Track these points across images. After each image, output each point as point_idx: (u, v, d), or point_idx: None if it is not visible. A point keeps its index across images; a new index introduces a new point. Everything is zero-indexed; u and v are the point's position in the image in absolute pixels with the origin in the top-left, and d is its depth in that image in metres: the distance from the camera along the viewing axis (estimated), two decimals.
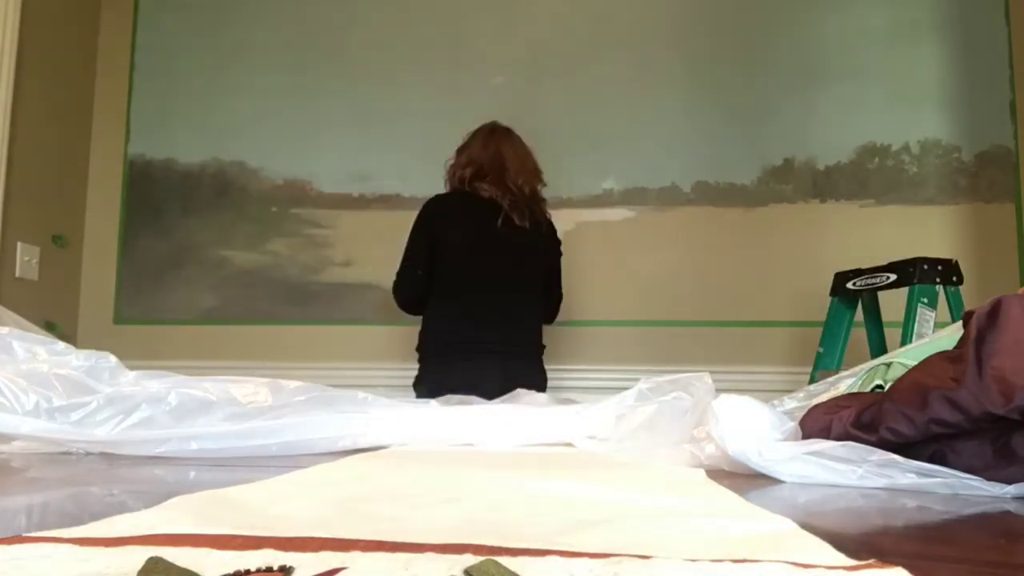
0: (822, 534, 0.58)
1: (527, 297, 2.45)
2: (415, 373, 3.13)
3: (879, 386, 1.34)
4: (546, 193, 3.16)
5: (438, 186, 3.17)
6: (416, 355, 2.50)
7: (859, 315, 2.60)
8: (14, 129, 2.78)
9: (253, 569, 0.44)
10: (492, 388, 1.96)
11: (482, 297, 2.36)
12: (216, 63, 3.30)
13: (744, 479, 1.07)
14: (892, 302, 2.50)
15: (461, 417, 1.56)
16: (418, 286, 2.43)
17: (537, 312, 2.49)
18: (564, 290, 2.70)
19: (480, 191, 2.41)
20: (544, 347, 2.52)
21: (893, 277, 2.38)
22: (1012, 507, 0.87)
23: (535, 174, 2.49)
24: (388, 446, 1.44)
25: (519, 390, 2.03)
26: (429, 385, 2.29)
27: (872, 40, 3.06)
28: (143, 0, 3.38)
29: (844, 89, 3.03)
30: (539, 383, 2.35)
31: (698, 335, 3.00)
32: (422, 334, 2.45)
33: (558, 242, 2.60)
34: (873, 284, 2.44)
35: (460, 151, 2.52)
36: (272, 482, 0.90)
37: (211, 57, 3.31)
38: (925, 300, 2.26)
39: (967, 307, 1.04)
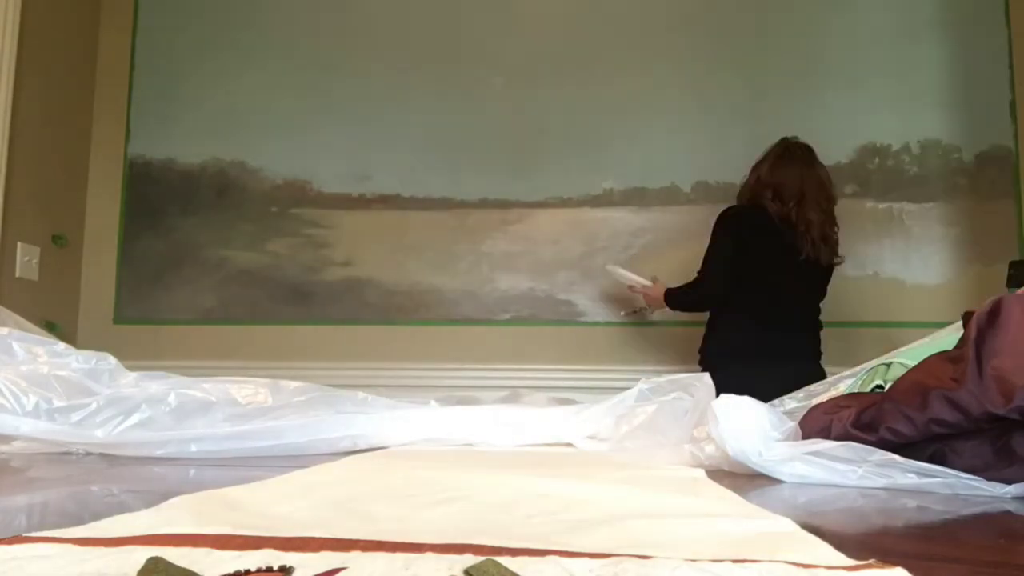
0: (822, 534, 0.59)
1: (816, 309, 2.54)
2: (415, 373, 3.13)
3: (879, 386, 1.34)
4: (546, 193, 3.17)
5: (438, 186, 3.19)
6: (698, 357, 2.56)
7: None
8: (14, 129, 2.78)
9: (253, 569, 0.44)
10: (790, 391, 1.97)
11: (785, 308, 2.45)
12: (216, 63, 3.30)
13: (744, 479, 1.07)
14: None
15: (461, 417, 1.56)
16: (727, 287, 2.48)
17: (819, 322, 2.57)
18: (566, 289, 2.73)
19: (777, 211, 2.45)
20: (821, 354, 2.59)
21: None
22: (1012, 507, 0.87)
23: (831, 198, 2.51)
24: (388, 446, 1.44)
25: (519, 390, 2.03)
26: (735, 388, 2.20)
27: (872, 40, 3.06)
28: (143, 0, 3.38)
29: (844, 89, 3.03)
30: None
31: (698, 335, 2.99)
32: (721, 340, 2.51)
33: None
34: None
35: (756, 167, 2.55)
36: (272, 482, 0.90)
37: (211, 57, 3.31)
38: None
39: (969, 307, 1.04)
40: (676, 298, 2.63)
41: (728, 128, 3.07)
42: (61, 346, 1.39)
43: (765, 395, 1.88)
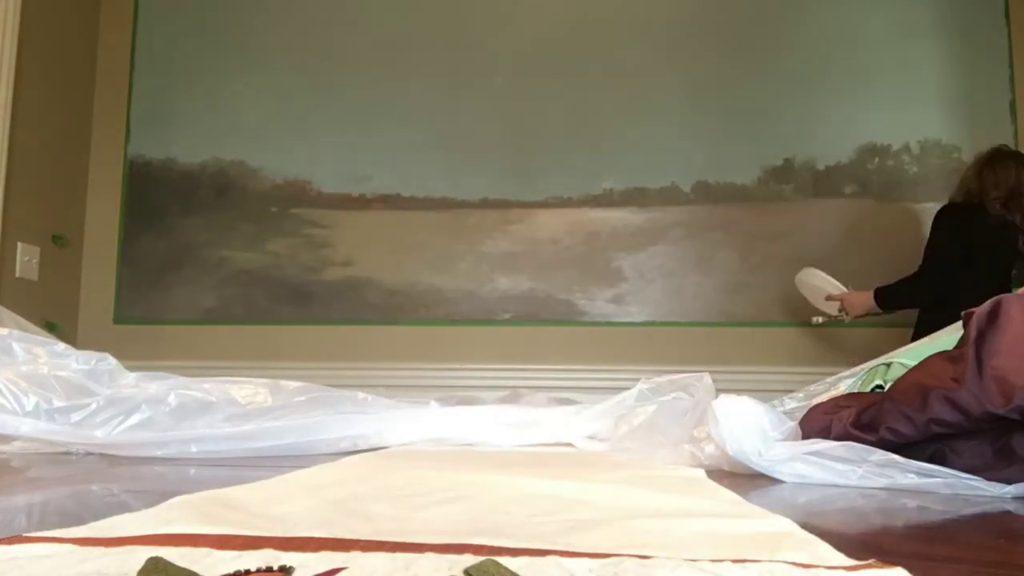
0: (822, 534, 0.58)
1: None
2: (415, 373, 3.13)
3: (879, 386, 1.34)
4: (546, 193, 3.17)
5: (438, 186, 3.18)
6: None
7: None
8: (14, 129, 2.78)
9: (253, 569, 0.44)
10: None
11: None
12: (216, 63, 3.30)
13: (744, 479, 1.07)
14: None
15: (461, 417, 1.56)
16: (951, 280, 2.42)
17: None
18: (566, 289, 2.73)
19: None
20: None
21: None
22: (1012, 507, 0.87)
23: None
24: (388, 446, 1.44)
25: (519, 390, 2.03)
26: None
27: (872, 40, 3.06)
28: (143, 0, 3.38)
29: (844, 89, 3.03)
30: None
31: (698, 335, 3.00)
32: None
33: None
34: None
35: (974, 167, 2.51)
36: (272, 482, 0.90)
37: (211, 57, 3.31)
38: None
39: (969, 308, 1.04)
40: (891, 294, 2.56)
41: (728, 128, 3.07)
42: (61, 346, 1.39)
43: None
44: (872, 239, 2.96)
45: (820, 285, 2.67)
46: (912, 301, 2.56)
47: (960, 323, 1.06)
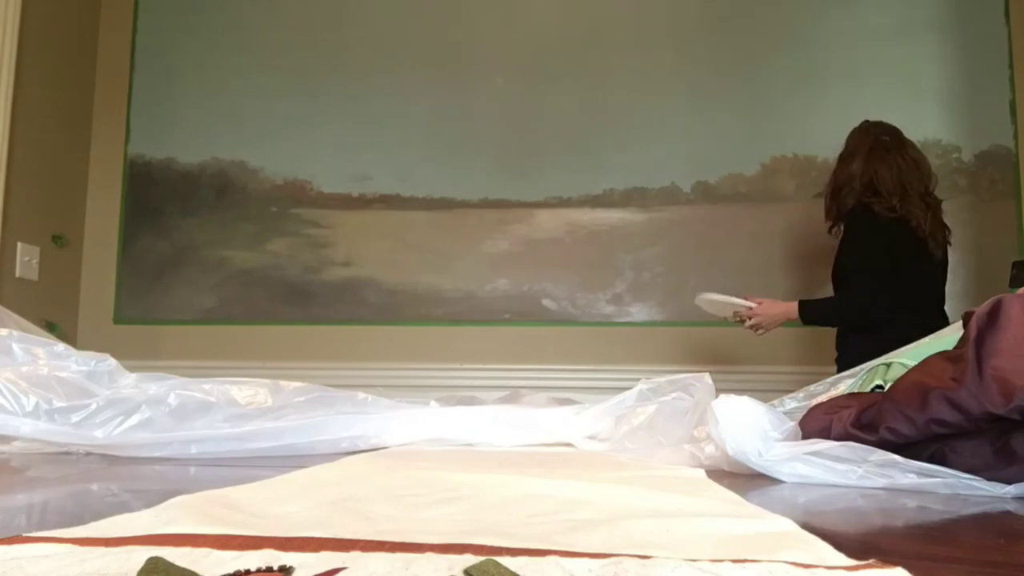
0: (822, 534, 0.58)
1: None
2: (415, 373, 3.12)
3: (879, 386, 1.34)
4: (546, 193, 3.17)
5: (438, 186, 3.19)
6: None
7: None
8: (14, 129, 2.78)
9: (253, 569, 0.44)
10: None
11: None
12: (216, 63, 3.30)
13: (744, 479, 1.07)
14: None
15: (461, 417, 1.56)
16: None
17: None
18: (566, 289, 2.74)
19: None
20: None
21: None
22: (1012, 507, 0.87)
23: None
24: (388, 447, 1.44)
25: (519, 390, 2.02)
26: None
27: (872, 39, 3.06)
28: (143, 0, 3.38)
29: (844, 88, 3.03)
30: None
31: (698, 335, 3.00)
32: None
33: None
34: None
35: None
36: (272, 482, 0.90)
37: (211, 57, 3.31)
38: None
39: (969, 308, 1.04)
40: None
41: (728, 127, 3.07)
42: (61, 347, 1.39)
43: None
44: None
45: (721, 304, 2.45)
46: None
47: (960, 323, 1.06)
